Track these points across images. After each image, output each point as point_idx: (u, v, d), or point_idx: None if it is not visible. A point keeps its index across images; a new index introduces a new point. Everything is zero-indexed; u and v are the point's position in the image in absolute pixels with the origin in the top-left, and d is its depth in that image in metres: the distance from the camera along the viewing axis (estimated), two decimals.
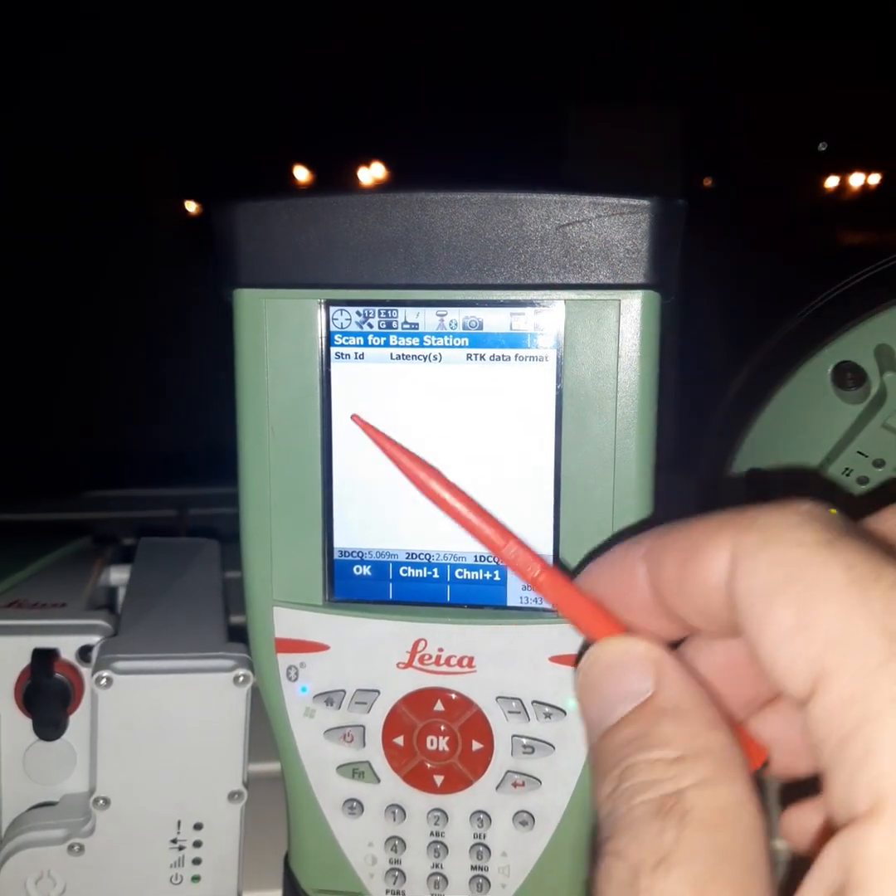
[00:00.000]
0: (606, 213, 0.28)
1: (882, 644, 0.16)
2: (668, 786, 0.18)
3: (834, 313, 0.42)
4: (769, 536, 0.18)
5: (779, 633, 0.17)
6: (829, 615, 0.16)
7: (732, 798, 0.18)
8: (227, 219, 0.30)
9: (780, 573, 0.17)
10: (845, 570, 0.17)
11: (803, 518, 0.18)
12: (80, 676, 0.35)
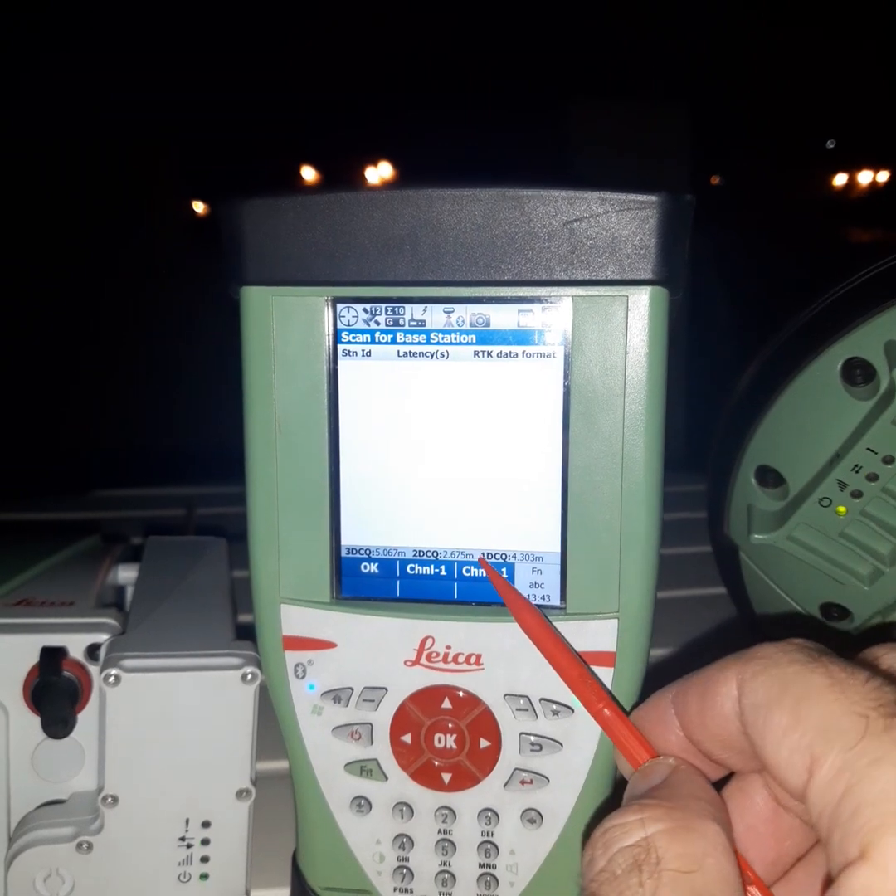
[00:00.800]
0: (614, 209, 0.28)
1: (858, 725, 0.19)
2: (636, 832, 0.21)
3: (843, 310, 0.42)
4: (767, 663, 0.22)
5: (777, 734, 0.20)
6: (815, 712, 0.20)
7: (701, 844, 0.20)
8: (235, 216, 0.30)
9: (776, 688, 0.21)
10: (826, 676, 0.20)
11: (795, 647, 0.22)
12: (89, 675, 0.35)
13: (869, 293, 0.42)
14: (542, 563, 0.31)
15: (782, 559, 0.44)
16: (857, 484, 0.41)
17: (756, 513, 0.44)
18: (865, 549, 0.42)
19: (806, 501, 0.42)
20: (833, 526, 0.42)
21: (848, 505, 0.42)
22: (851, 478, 0.41)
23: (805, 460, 0.42)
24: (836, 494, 0.42)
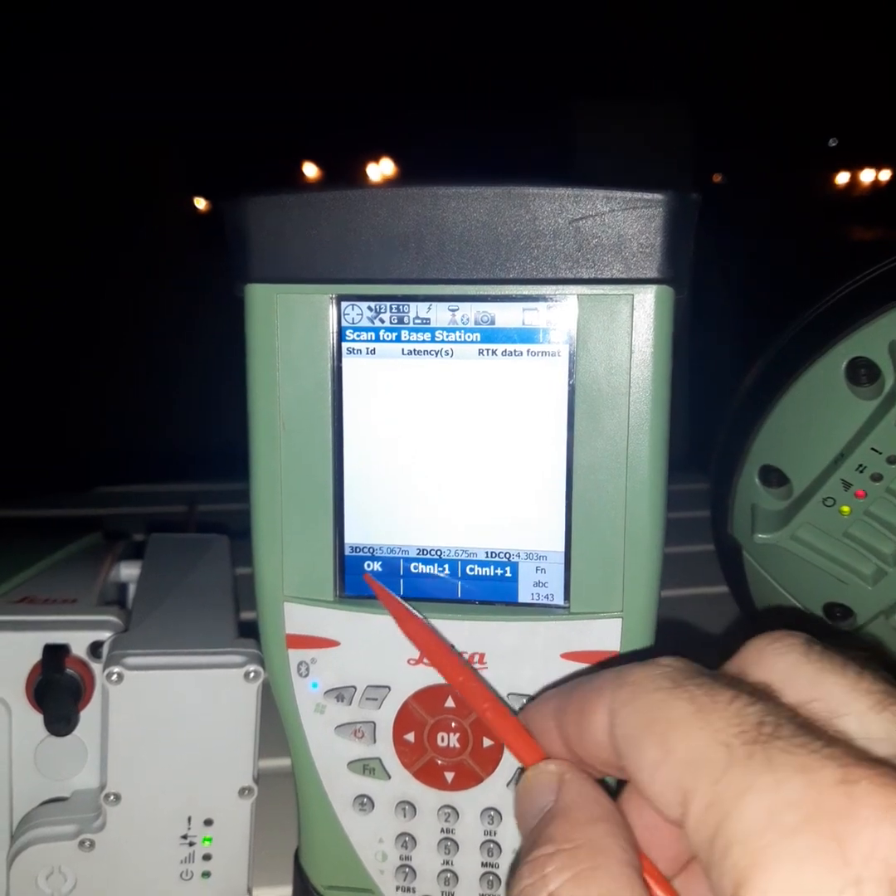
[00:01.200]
0: (620, 208, 0.28)
1: (722, 755, 0.18)
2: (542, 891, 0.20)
3: (847, 309, 0.42)
4: (635, 690, 0.21)
5: (649, 768, 0.20)
6: (681, 744, 0.19)
7: (607, 881, 0.20)
8: (239, 214, 0.30)
9: (644, 718, 0.21)
10: (690, 703, 0.20)
11: (663, 670, 0.21)
12: (91, 672, 0.35)
13: (873, 293, 0.42)
14: (546, 562, 0.31)
15: (786, 559, 0.44)
16: (861, 484, 0.41)
17: (760, 512, 0.44)
18: (869, 549, 0.42)
19: (810, 501, 0.42)
20: (837, 526, 0.42)
21: (852, 505, 0.42)
22: (855, 478, 0.41)
23: (809, 460, 0.42)
24: (840, 494, 0.42)
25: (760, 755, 0.18)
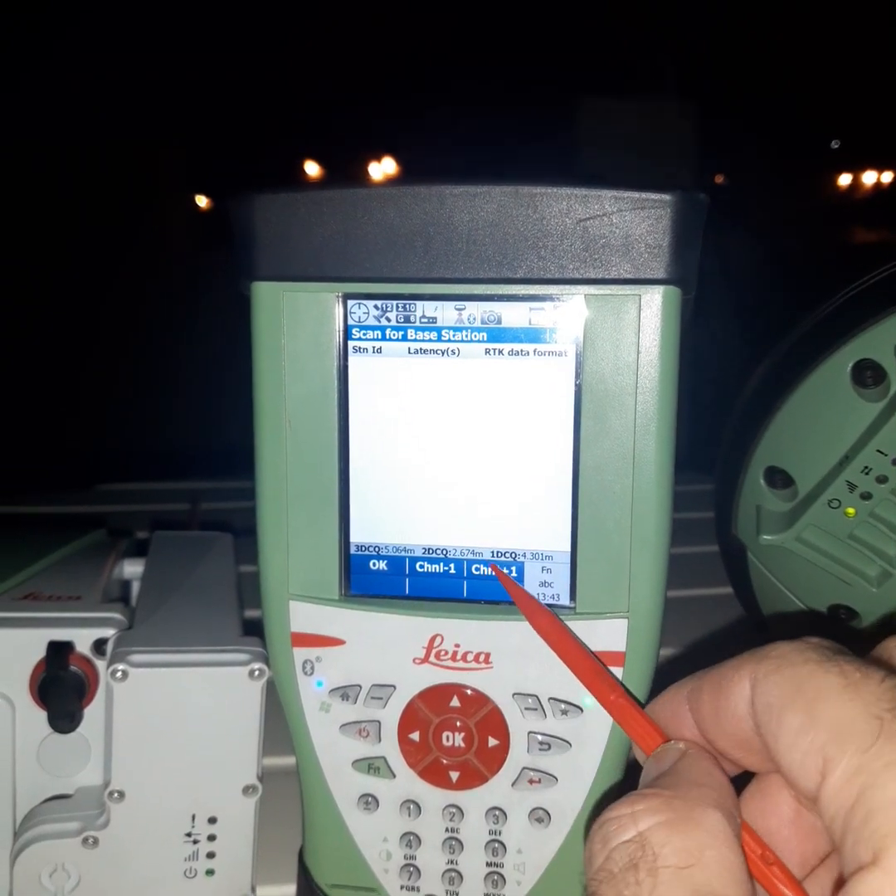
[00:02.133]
0: (628, 208, 0.28)
1: (872, 727, 0.19)
2: (630, 827, 0.20)
3: (853, 311, 0.42)
4: (781, 662, 0.21)
5: (790, 736, 0.20)
6: (829, 714, 0.19)
7: (699, 835, 0.20)
8: (246, 212, 0.30)
9: (790, 688, 0.20)
10: (841, 677, 0.20)
11: (809, 646, 0.21)
12: (95, 669, 0.35)
13: (879, 295, 0.42)
14: (552, 562, 0.31)
15: (790, 560, 0.44)
16: (867, 486, 0.41)
17: (764, 513, 0.44)
18: (874, 551, 0.42)
19: (815, 503, 0.42)
20: (842, 527, 0.42)
21: (857, 506, 0.42)
22: (861, 479, 0.41)
23: (814, 462, 0.42)
24: (846, 496, 0.41)
25: None
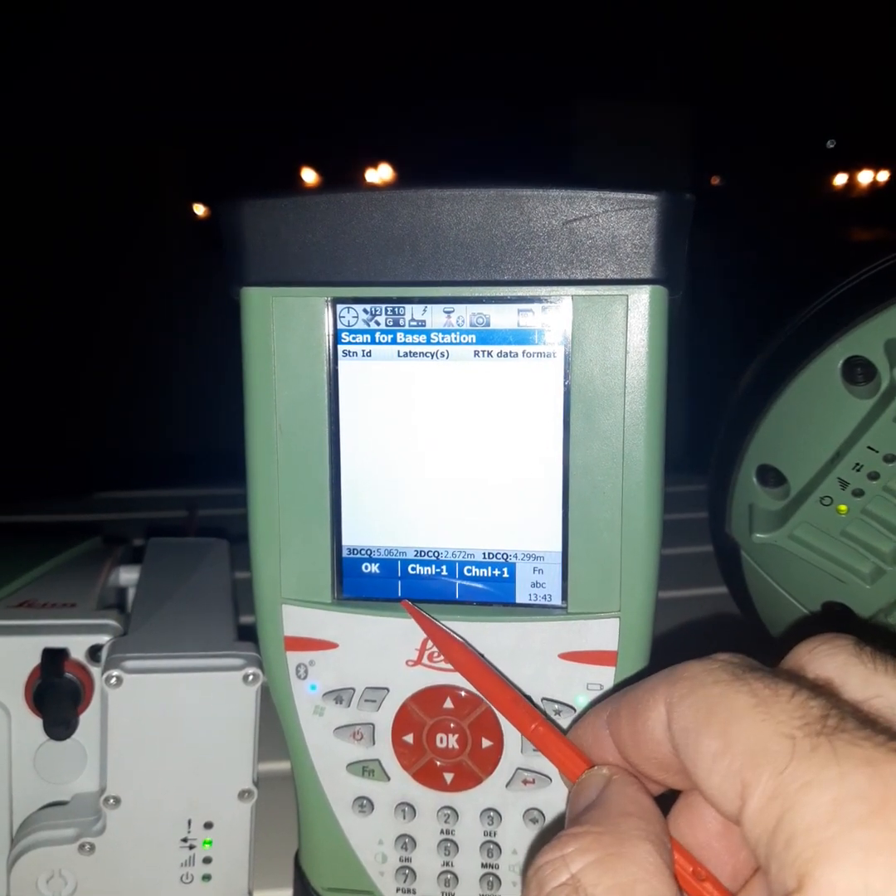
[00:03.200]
0: (613, 209, 0.28)
1: (785, 747, 0.18)
2: (563, 871, 0.20)
3: (843, 309, 0.42)
4: (692, 684, 0.21)
5: (707, 761, 0.20)
6: (743, 736, 0.19)
7: (631, 869, 0.20)
8: (235, 217, 0.30)
9: (703, 711, 0.20)
10: (751, 696, 0.20)
11: (720, 664, 0.21)
12: (91, 676, 0.35)
13: (869, 292, 0.42)
14: (544, 562, 0.31)
15: (784, 558, 0.44)
16: (859, 482, 0.41)
17: (757, 512, 0.44)
18: (867, 548, 0.42)
19: (807, 500, 0.42)
20: (834, 525, 0.42)
21: (849, 503, 0.42)
22: (852, 476, 0.41)
23: (806, 459, 0.42)
24: (838, 493, 0.42)
25: (825, 747, 0.18)
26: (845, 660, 0.21)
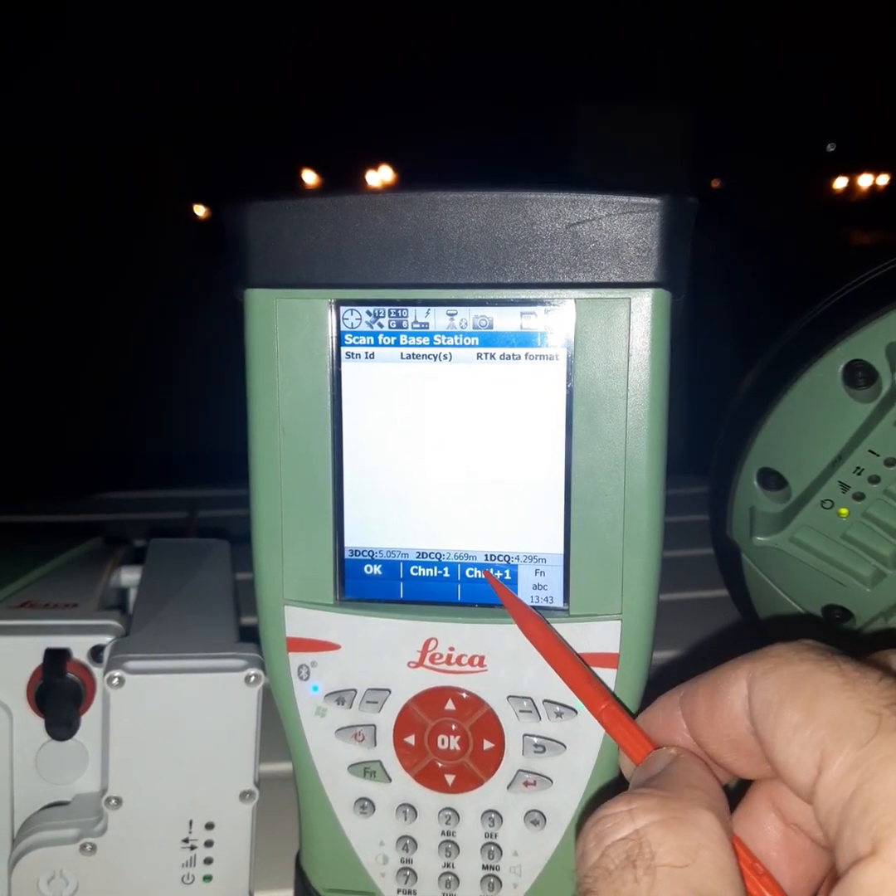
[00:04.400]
0: (616, 212, 0.28)
1: (870, 723, 0.19)
2: (627, 824, 0.20)
3: (844, 312, 0.42)
4: (778, 661, 0.21)
5: (788, 731, 0.20)
6: (827, 710, 0.20)
7: (695, 835, 0.20)
8: (239, 219, 0.30)
9: (788, 685, 0.21)
10: (839, 675, 0.20)
11: (806, 646, 0.22)
12: (92, 676, 0.35)
13: (870, 296, 0.42)
14: (546, 564, 0.31)
15: (784, 561, 0.44)
16: (859, 486, 0.41)
17: (758, 515, 0.45)
18: (867, 551, 0.42)
19: (808, 504, 0.42)
20: (835, 528, 0.42)
21: (850, 507, 0.42)
22: (853, 480, 0.41)
23: (807, 462, 0.43)
24: (839, 497, 0.42)
25: None
26: None
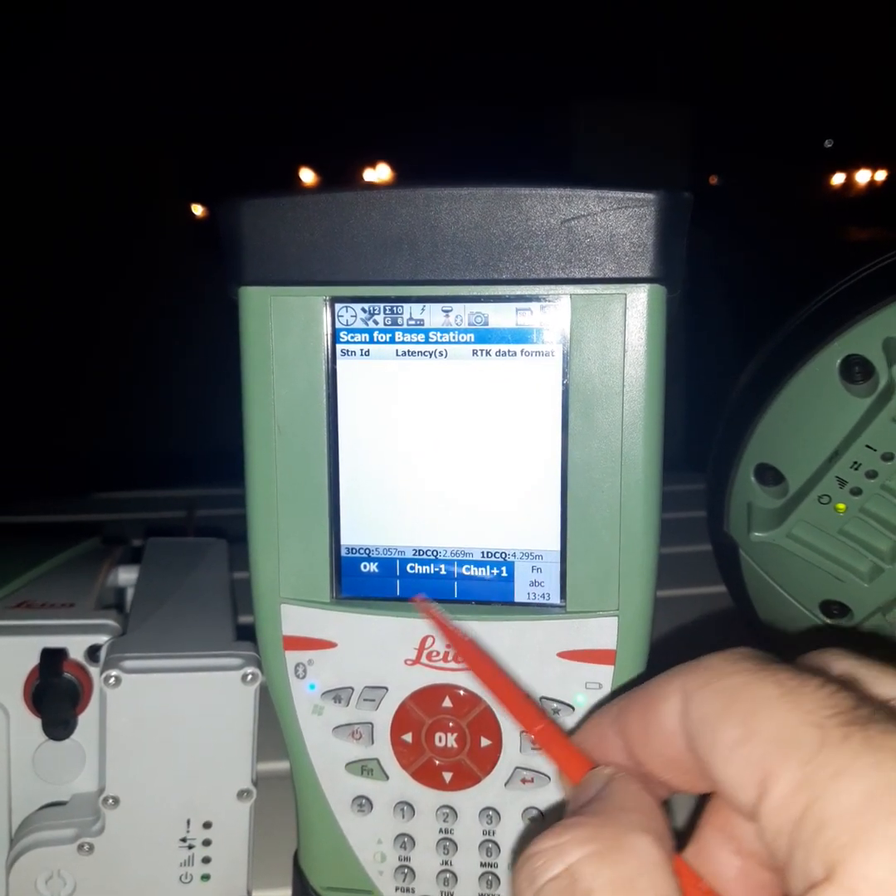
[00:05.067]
0: (611, 208, 0.28)
1: (814, 736, 0.18)
2: (557, 862, 0.19)
3: (841, 307, 0.42)
4: (713, 673, 0.20)
5: (727, 748, 0.19)
6: (767, 724, 0.18)
7: (632, 862, 0.19)
8: (233, 217, 0.30)
9: (724, 699, 0.20)
10: (777, 685, 0.19)
11: (742, 655, 0.20)
12: (89, 676, 0.35)
13: (867, 290, 0.42)
14: (542, 561, 0.31)
15: (782, 557, 0.44)
16: (857, 481, 0.41)
17: (756, 511, 0.45)
18: (865, 546, 0.42)
19: (805, 499, 0.42)
20: (832, 523, 0.42)
21: (847, 502, 0.42)
22: (851, 475, 0.41)
23: (804, 458, 0.42)
24: (836, 492, 0.42)
25: (858, 736, 0.17)
26: (850, 664, 0.21)
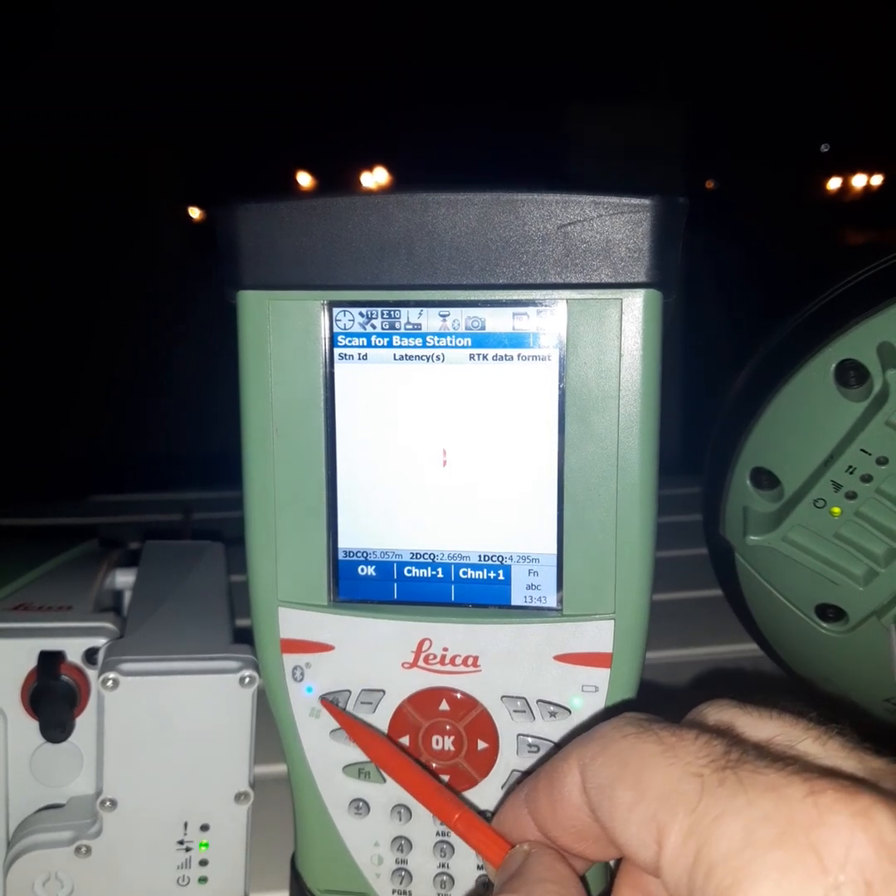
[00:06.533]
0: (607, 213, 0.28)
1: (695, 785, 0.19)
2: None
3: (836, 311, 0.42)
4: (602, 742, 0.22)
5: (623, 812, 0.20)
6: (654, 781, 0.20)
7: None
8: (231, 221, 0.30)
9: (615, 765, 0.21)
10: (658, 743, 0.21)
11: (626, 721, 0.22)
12: (87, 678, 0.35)
13: (862, 295, 0.42)
14: (539, 564, 0.31)
15: (777, 560, 0.44)
16: (852, 485, 0.41)
17: (751, 514, 0.45)
18: (860, 550, 0.43)
19: (801, 503, 0.42)
20: (828, 527, 0.43)
21: (842, 506, 0.42)
22: (845, 479, 0.41)
23: (799, 462, 0.43)
24: (831, 495, 0.42)
25: (731, 779, 0.19)
26: (734, 712, 0.22)
